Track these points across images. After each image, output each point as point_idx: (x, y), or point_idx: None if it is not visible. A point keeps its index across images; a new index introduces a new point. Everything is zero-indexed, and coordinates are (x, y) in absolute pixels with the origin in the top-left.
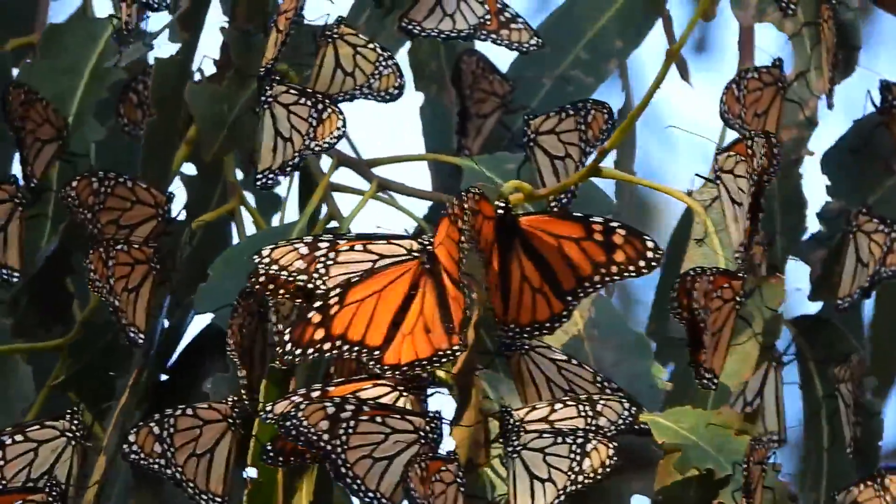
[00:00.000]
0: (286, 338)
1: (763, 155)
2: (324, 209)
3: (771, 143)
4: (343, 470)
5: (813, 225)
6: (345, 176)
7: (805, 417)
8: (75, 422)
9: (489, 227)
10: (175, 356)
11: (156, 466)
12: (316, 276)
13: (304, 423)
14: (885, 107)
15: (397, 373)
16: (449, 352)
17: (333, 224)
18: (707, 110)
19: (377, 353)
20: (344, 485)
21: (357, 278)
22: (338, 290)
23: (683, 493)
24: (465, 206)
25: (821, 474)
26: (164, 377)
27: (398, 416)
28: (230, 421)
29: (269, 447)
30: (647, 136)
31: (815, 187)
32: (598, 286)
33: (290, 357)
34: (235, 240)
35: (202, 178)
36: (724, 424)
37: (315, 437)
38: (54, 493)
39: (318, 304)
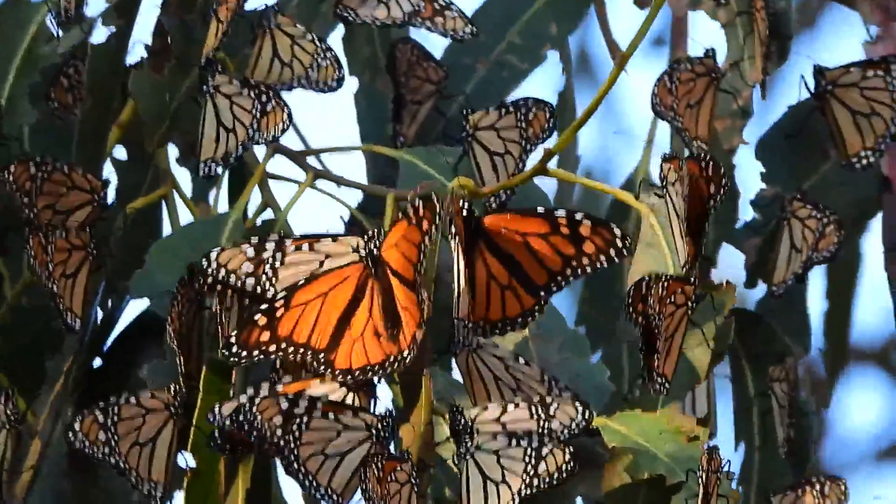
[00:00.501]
0: (232, 340)
1: (706, 180)
2: (258, 198)
3: (718, 168)
4: (295, 466)
5: (746, 213)
6: (279, 164)
7: (736, 413)
8: (9, 405)
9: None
10: (109, 342)
11: (100, 455)
12: (264, 278)
13: (258, 418)
14: (819, 92)
15: (349, 378)
16: (401, 357)
17: (269, 213)
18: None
19: (322, 355)
20: (296, 480)
21: (302, 281)
22: (283, 293)
23: (631, 498)
24: (445, 208)
25: (752, 472)
26: (98, 363)
27: (351, 414)
28: (172, 410)
29: (216, 434)
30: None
31: (748, 176)
32: (571, 278)
33: (237, 358)
34: (166, 225)
35: (133, 162)
36: (675, 430)
37: (268, 433)
38: None
39: (264, 306)
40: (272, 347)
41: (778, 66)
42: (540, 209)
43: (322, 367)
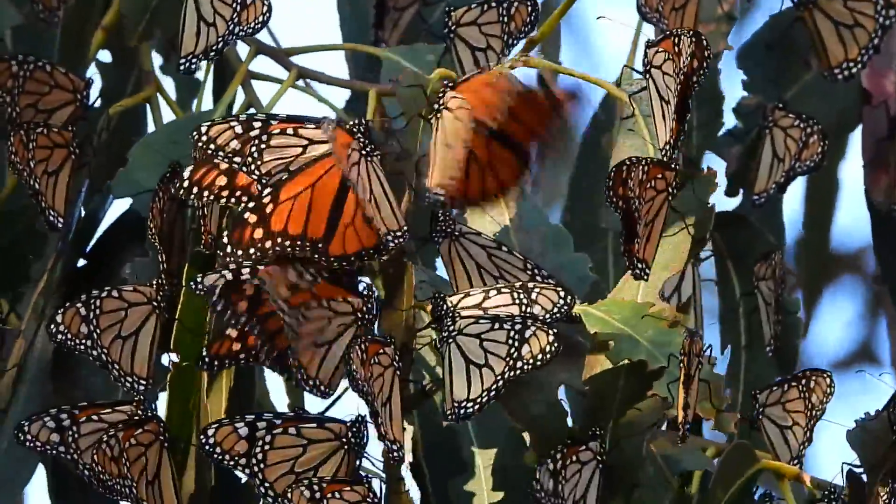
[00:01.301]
0: (225, 240)
1: (691, 55)
2: (241, 97)
3: (701, 44)
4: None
5: (729, 120)
6: (262, 64)
7: (722, 314)
8: None
9: None
10: (93, 241)
11: (81, 347)
12: (249, 160)
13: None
14: (802, 1)
15: (345, 263)
16: (393, 238)
17: (252, 112)
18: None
19: (321, 244)
20: (285, 372)
21: (286, 175)
22: (269, 189)
23: (612, 383)
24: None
25: (739, 371)
26: (81, 262)
27: (341, 299)
28: (155, 304)
29: (204, 353)
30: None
31: (731, 82)
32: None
33: (233, 257)
34: (151, 127)
35: (118, 64)
36: (656, 316)
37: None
38: None
39: (251, 204)
40: (268, 243)
41: None
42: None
43: (320, 257)
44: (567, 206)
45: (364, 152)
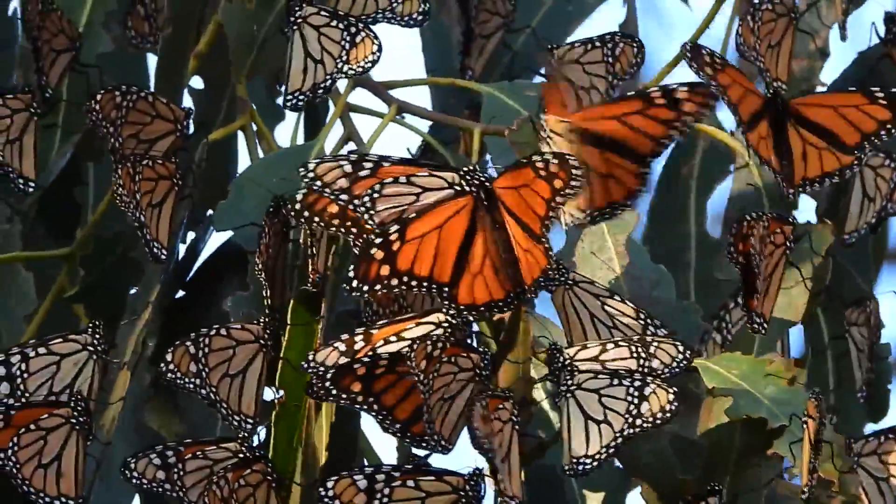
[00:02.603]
0: (351, 274)
1: None
2: (338, 129)
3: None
4: (426, 416)
5: None
6: (357, 96)
7: (809, 356)
8: (97, 336)
9: None
10: (192, 273)
11: (190, 386)
12: (362, 209)
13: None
14: (889, 38)
15: (473, 312)
16: (523, 293)
17: (351, 145)
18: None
19: (447, 289)
20: (395, 432)
21: (413, 214)
22: (397, 227)
23: (730, 438)
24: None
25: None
26: (180, 294)
27: (464, 355)
28: (262, 342)
29: (312, 382)
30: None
31: None
32: (674, 139)
33: (359, 293)
34: (242, 154)
35: (210, 92)
36: (775, 373)
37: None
38: (79, 408)
39: (378, 240)
40: (394, 281)
41: (857, 7)
42: (629, 92)
43: (446, 301)
44: (647, 235)
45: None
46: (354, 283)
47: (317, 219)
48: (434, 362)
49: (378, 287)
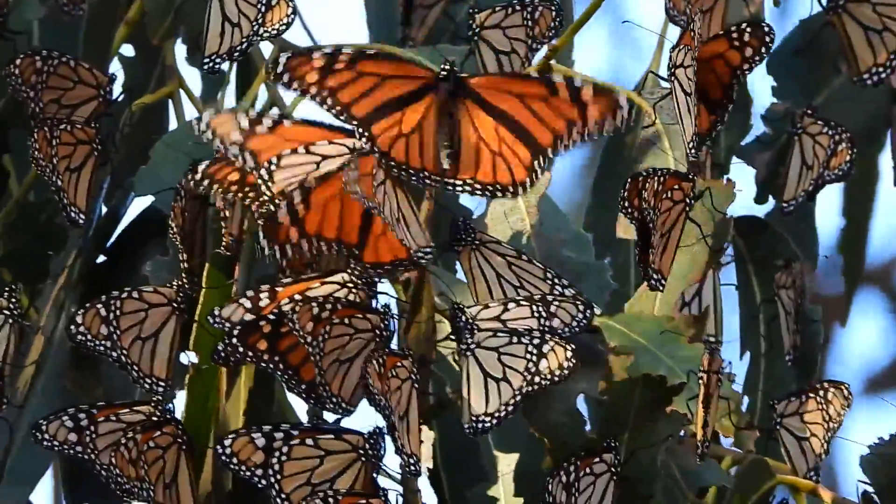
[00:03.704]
0: (261, 237)
1: (743, 45)
2: (264, 95)
3: (761, 33)
4: (318, 378)
5: (758, 126)
6: None
7: (742, 321)
8: (13, 300)
9: (386, 86)
10: (113, 238)
11: (101, 348)
12: (262, 179)
13: (296, 326)
14: (831, 6)
15: (380, 271)
16: (423, 255)
17: (275, 112)
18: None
19: (356, 250)
20: (310, 397)
21: (314, 183)
22: (300, 193)
23: (629, 395)
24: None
25: (758, 379)
26: (101, 259)
27: (360, 316)
28: (175, 305)
29: (219, 347)
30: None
31: (760, 88)
32: (576, 143)
33: (270, 252)
34: (173, 122)
35: (140, 59)
36: (675, 330)
37: (301, 342)
38: None
39: (284, 206)
40: (304, 243)
41: None
42: (535, 74)
43: (354, 262)
44: (589, 211)
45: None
46: (265, 244)
47: (216, 186)
48: (323, 324)
49: (289, 248)
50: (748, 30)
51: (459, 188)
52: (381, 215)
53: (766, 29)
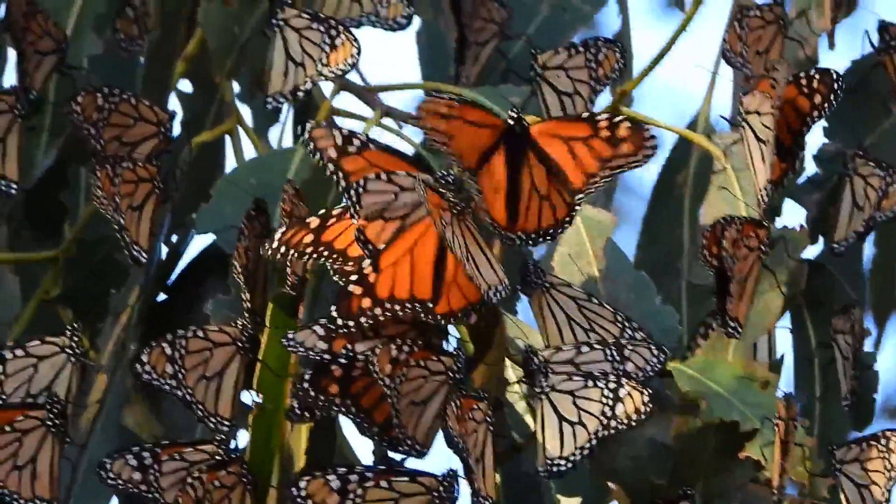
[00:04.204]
0: (334, 314)
1: (812, 92)
2: None
3: (830, 80)
4: (395, 420)
5: (810, 167)
6: (345, 100)
7: (796, 363)
8: (75, 338)
9: (481, 135)
10: (174, 276)
11: (167, 387)
12: (351, 202)
13: (375, 368)
14: (882, 47)
15: (453, 319)
16: (496, 292)
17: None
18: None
19: (430, 304)
20: (372, 434)
21: (384, 246)
22: (369, 260)
23: (702, 442)
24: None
25: (813, 422)
26: (162, 297)
27: (434, 358)
28: (239, 344)
29: (294, 405)
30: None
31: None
32: (606, 179)
33: (345, 329)
34: (230, 157)
35: (198, 95)
36: (749, 376)
37: (381, 380)
38: (55, 410)
39: (355, 277)
40: (377, 310)
41: (846, 16)
42: (584, 113)
43: (429, 317)
44: (640, 246)
45: (455, 211)
46: (339, 322)
47: (293, 251)
48: (400, 367)
49: (363, 319)
50: (817, 76)
51: (518, 238)
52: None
53: (835, 76)
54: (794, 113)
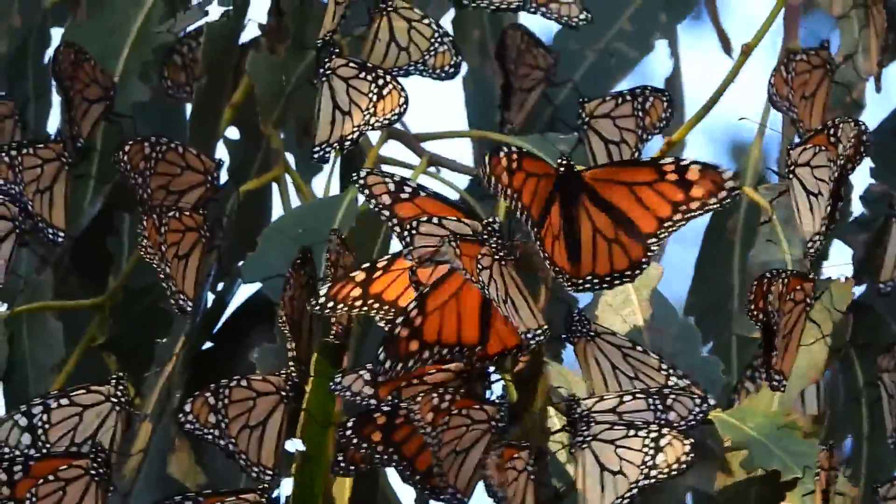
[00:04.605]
0: (381, 355)
1: (850, 142)
2: None
3: (860, 131)
4: (436, 469)
5: (856, 208)
6: (391, 148)
7: (844, 403)
8: (120, 387)
9: (541, 185)
10: (219, 325)
11: (210, 437)
12: (404, 243)
13: (416, 416)
14: None
15: (490, 363)
16: (533, 336)
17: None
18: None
19: (478, 349)
20: (414, 483)
21: (428, 289)
22: (415, 303)
23: (745, 493)
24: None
25: (860, 462)
26: (208, 345)
27: (477, 407)
28: (283, 394)
29: (339, 458)
30: None
31: (858, 171)
32: (681, 224)
33: (394, 373)
34: (276, 204)
35: (245, 143)
36: (791, 426)
37: (423, 429)
38: (99, 459)
39: (401, 318)
40: (425, 354)
41: (893, 60)
42: (645, 159)
43: (472, 361)
44: (692, 291)
45: (497, 256)
46: (388, 364)
47: (341, 306)
48: (442, 415)
49: (411, 363)
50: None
51: (586, 285)
52: (484, 292)
53: (863, 127)
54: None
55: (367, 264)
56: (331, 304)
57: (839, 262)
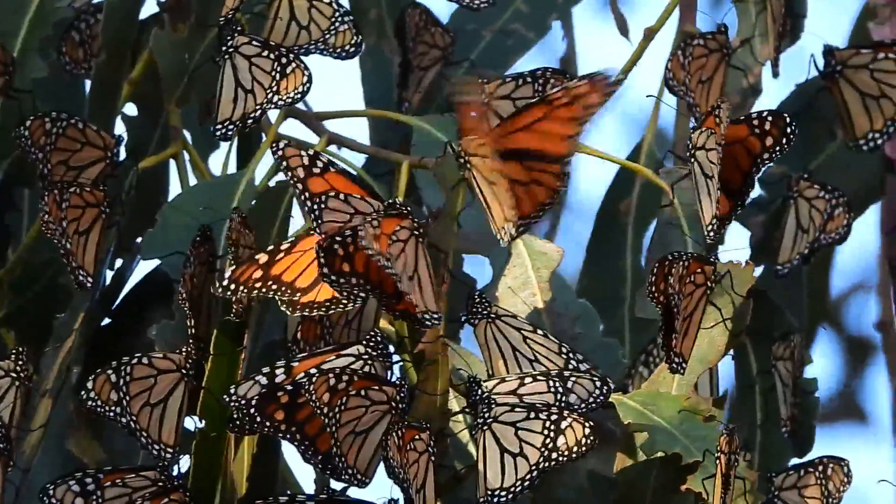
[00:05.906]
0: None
1: (764, 133)
2: (269, 159)
3: (782, 124)
4: (334, 449)
5: (754, 190)
6: (290, 127)
7: (737, 390)
8: (20, 362)
9: None
10: (118, 301)
11: (111, 414)
12: (312, 217)
13: (312, 397)
14: (828, 71)
15: (315, 309)
16: (430, 318)
17: (280, 176)
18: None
19: (393, 300)
20: (316, 462)
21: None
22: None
23: (646, 475)
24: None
25: (753, 449)
26: (106, 321)
27: (376, 388)
28: (184, 371)
29: (236, 416)
30: None
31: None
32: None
33: (328, 281)
34: (174, 182)
35: (144, 120)
36: (692, 409)
37: (319, 412)
38: None
39: (339, 238)
40: (353, 279)
41: (790, 44)
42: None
43: (387, 309)
44: (584, 273)
45: (416, 232)
46: (325, 270)
47: (243, 288)
48: (339, 396)
49: (343, 280)
50: (770, 118)
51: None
52: (388, 270)
53: (788, 120)
54: (744, 153)
55: (271, 247)
56: (233, 287)
57: (737, 245)
